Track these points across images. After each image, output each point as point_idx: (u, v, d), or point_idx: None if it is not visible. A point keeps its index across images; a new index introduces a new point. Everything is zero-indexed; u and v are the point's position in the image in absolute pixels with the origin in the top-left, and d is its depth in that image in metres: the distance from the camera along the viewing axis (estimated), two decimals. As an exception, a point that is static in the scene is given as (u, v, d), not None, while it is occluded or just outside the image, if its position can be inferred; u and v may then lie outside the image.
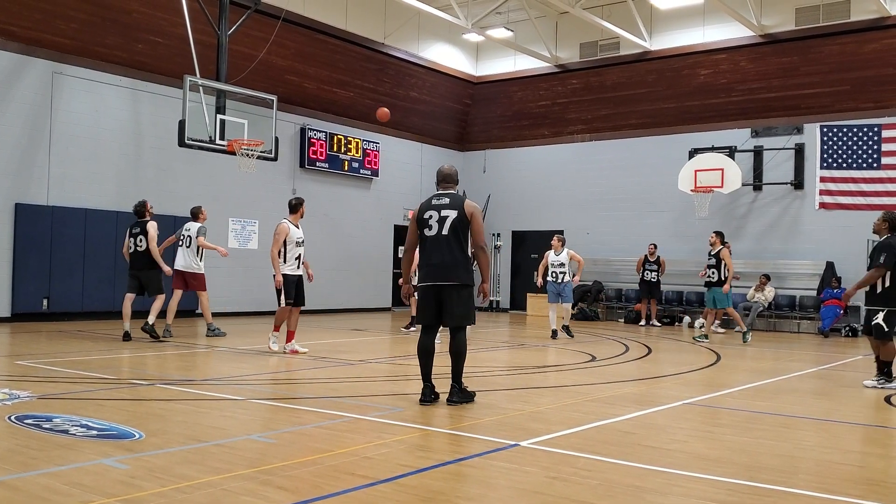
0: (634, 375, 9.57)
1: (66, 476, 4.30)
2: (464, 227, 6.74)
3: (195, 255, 12.28)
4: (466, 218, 6.74)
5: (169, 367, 9.20)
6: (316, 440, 5.42)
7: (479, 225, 6.77)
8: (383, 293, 21.52)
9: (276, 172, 18.05)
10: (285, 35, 17.45)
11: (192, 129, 13.53)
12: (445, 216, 6.76)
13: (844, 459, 5.31)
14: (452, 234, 6.74)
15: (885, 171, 17.26)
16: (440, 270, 6.78)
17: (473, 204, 6.81)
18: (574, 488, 4.33)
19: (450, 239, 6.74)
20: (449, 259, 6.74)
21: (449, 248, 6.74)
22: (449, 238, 6.74)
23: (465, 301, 6.77)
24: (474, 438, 5.54)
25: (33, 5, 14.32)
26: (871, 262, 8.75)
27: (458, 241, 6.75)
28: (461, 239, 6.76)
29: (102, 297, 15.18)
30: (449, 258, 6.74)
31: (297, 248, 10.30)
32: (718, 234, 14.43)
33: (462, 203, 6.79)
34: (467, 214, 6.74)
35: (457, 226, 6.73)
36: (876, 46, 17.56)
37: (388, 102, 21.40)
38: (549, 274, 14.35)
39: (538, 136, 22.61)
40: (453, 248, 6.73)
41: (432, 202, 6.90)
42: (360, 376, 8.83)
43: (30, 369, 8.44)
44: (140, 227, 11.75)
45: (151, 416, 6.13)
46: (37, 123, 14.58)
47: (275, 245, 10.20)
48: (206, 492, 4.06)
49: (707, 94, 19.77)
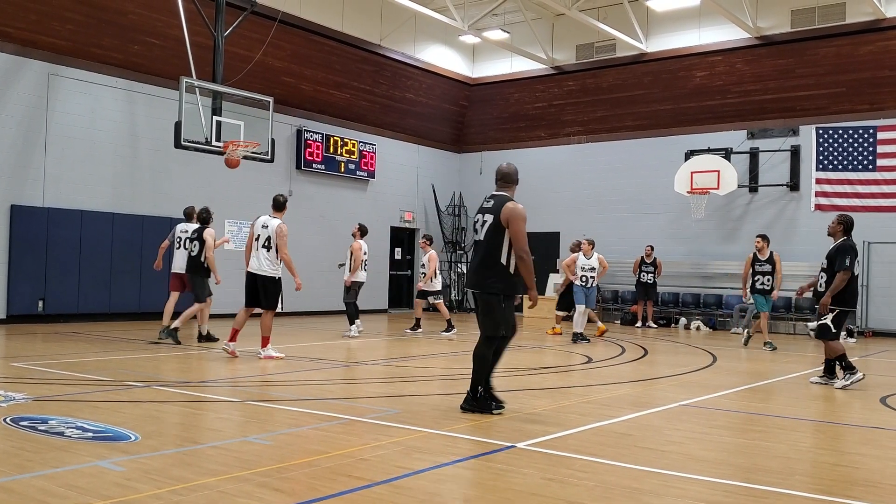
0: (631, 377, 9.58)
1: (61, 478, 4.29)
2: (499, 233, 6.41)
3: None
4: (501, 224, 6.41)
5: (165, 369, 9.18)
6: (312, 442, 5.42)
7: (516, 231, 6.37)
8: (380, 295, 21.51)
9: (272, 174, 18.04)
10: (282, 37, 17.44)
11: (188, 131, 13.51)
12: (485, 221, 6.53)
13: (840, 461, 5.32)
14: (487, 240, 6.47)
15: (880, 173, 17.30)
16: (470, 276, 6.67)
17: (513, 207, 6.43)
18: (571, 490, 4.33)
19: (485, 245, 6.49)
20: (478, 265, 6.56)
21: (481, 254, 6.53)
22: (484, 244, 6.50)
23: (487, 309, 6.49)
24: (471, 440, 5.54)
25: (29, 6, 14.29)
26: (836, 266, 8.78)
27: (492, 247, 6.44)
28: (496, 245, 6.42)
29: (98, 299, 15.15)
30: (478, 264, 6.56)
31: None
32: (766, 239, 13.46)
33: (501, 207, 6.45)
34: (502, 220, 6.40)
35: (492, 231, 6.44)
36: (871, 48, 17.61)
37: (385, 104, 21.44)
38: (580, 278, 14.09)
39: (534, 138, 22.62)
40: (485, 255, 6.49)
41: (483, 204, 6.66)
42: (357, 378, 8.82)
43: (25, 371, 8.42)
44: (198, 234, 11.62)
45: (147, 418, 6.11)
46: (32, 125, 14.55)
47: (285, 246, 9.97)
48: (201, 494, 4.05)
49: (703, 96, 19.80)
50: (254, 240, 9.99)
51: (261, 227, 9.99)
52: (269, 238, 9.89)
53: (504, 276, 6.43)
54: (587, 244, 14.36)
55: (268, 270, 9.92)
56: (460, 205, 23.25)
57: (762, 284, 13.31)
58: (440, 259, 14.67)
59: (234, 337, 9.99)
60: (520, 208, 6.44)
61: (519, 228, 6.37)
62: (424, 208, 22.84)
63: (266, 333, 10.04)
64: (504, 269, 6.42)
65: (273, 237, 9.89)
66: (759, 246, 13.34)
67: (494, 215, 6.44)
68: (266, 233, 9.92)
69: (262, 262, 9.91)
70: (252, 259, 9.99)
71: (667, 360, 11.50)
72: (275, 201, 10.26)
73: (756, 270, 13.34)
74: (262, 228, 9.97)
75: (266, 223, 10.00)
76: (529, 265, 6.41)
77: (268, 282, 9.92)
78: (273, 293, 9.97)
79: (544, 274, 22.11)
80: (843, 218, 9.14)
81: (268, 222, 10.01)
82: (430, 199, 22.76)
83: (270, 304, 10.02)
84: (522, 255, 6.37)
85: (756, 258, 13.36)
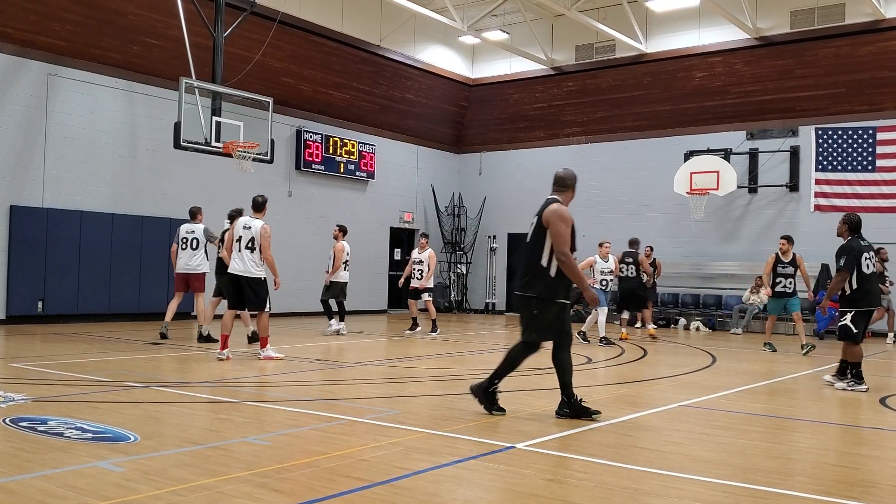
0: (630, 378, 9.58)
1: (60, 479, 4.28)
2: (541, 234, 6.29)
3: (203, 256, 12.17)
4: (543, 225, 6.29)
5: (164, 370, 9.18)
6: (311, 442, 5.42)
7: (556, 231, 6.19)
8: (379, 295, 21.51)
9: (271, 174, 18.04)
10: (281, 37, 17.44)
11: (187, 132, 13.51)
12: (532, 223, 6.42)
13: (839, 461, 5.32)
14: (531, 243, 6.36)
15: (879, 174, 17.31)
16: (517, 280, 6.52)
17: (555, 208, 6.29)
18: (570, 490, 4.33)
19: (529, 248, 6.38)
20: (522, 269, 6.46)
21: (525, 257, 6.43)
22: (529, 247, 6.39)
23: (528, 314, 6.33)
24: (470, 441, 5.53)
25: (28, 7, 14.29)
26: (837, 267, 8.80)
27: (535, 250, 6.30)
28: (538, 247, 6.29)
29: (97, 300, 15.15)
30: (522, 268, 6.46)
31: None
32: (790, 240, 12.88)
33: (544, 209, 6.35)
34: (544, 221, 6.28)
35: (536, 234, 6.33)
36: (870, 49, 17.62)
37: (385, 104, 21.44)
38: (600, 282, 13.87)
39: (534, 139, 22.63)
40: (527, 258, 6.37)
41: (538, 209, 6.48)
42: (356, 378, 8.82)
43: (24, 372, 8.41)
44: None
45: (146, 419, 6.11)
46: (32, 125, 14.55)
47: (269, 247, 9.92)
48: (201, 494, 4.05)
49: (702, 97, 19.81)
50: (235, 241, 9.85)
51: (242, 228, 9.87)
52: (253, 239, 9.78)
53: (542, 278, 6.23)
54: (607, 247, 13.97)
55: (253, 272, 9.79)
56: (460, 205, 23.26)
57: (784, 287, 12.73)
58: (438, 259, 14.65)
59: (226, 343, 9.82)
60: (562, 209, 6.28)
61: (559, 230, 6.19)
62: (424, 209, 22.85)
63: (264, 334, 9.98)
64: (543, 272, 6.23)
65: (257, 238, 9.77)
66: (783, 248, 12.75)
67: (538, 217, 6.35)
68: (249, 234, 9.80)
69: (247, 263, 9.77)
70: (234, 261, 9.84)
71: (666, 361, 11.50)
72: (255, 202, 10.13)
73: (778, 272, 12.74)
74: (244, 230, 9.85)
75: (248, 224, 9.88)
76: (572, 266, 6.18)
77: (253, 283, 9.81)
78: (260, 294, 9.88)
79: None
80: (846, 218, 9.08)
81: (250, 223, 9.88)
82: (430, 199, 22.76)
83: (260, 305, 9.93)
84: (561, 256, 6.17)
85: (779, 259, 12.77)
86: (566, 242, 6.20)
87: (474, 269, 23.46)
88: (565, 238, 6.20)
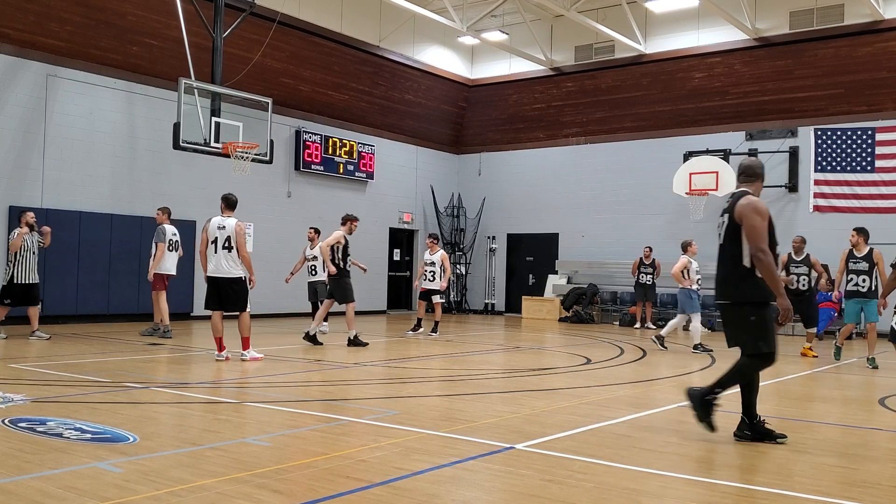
0: (629, 378, 9.58)
1: (60, 479, 4.28)
2: (736, 232, 5.67)
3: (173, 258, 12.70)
4: (736, 221, 5.67)
5: (163, 370, 9.17)
6: (311, 443, 5.42)
7: (750, 225, 5.56)
8: (379, 296, 21.51)
9: (271, 175, 18.04)
10: (280, 38, 17.44)
11: (186, 132, 13.51)
12: (723, 222, 5.84)
13: (839, 462, 5.32)
14: (726, 243, 5.77)
15: (878, 175, 17.32)
16: (716, 287, 5.92)
17: (748, 201, 5.66)
18: (569, 491, 4.33)
19: (725, 250, 5.79)
20: (720, 273, 5.86)
21: (722, 260, 5.83)
22: (724, 248, 5.80)
23: (738, 322, 5.74)
24: (469, 441, 5.53)
25: (27, 7, 14.28)
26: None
27: (734, 251, 5.70)
28: (737, 248, 5.68)
29: (96, 300, 15.14)
30: (720, 272, 5.86)
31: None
32: (862, 233, 11.12)
33: (735, 204, 5.72)
34: (736, 217, 5.66)
35: (730, 233, 5.73)
36: (869, 50, 17.63)
37: (384, 105, 21.44)
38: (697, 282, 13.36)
39: (533, 139, 22.64)
40: (725, 260, 5.79)
41: (724, 205, 5.95)
42: (355, 379, 8.82)
43: (24, 372, 8.41)
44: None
45: (146, 420, 6.11)
46: (31, 126, 14.54)
47: (245, 245, 9.75)
48: (200, 495, 4.05)
49: (701, 98, 19.82)
50: (210, 242, 9.68)
51: (216, 228, 9.67)
52: (229, 238, 9.62)
53: (749, 280, 5.64)
54: (695, 246, 13.16)
55: (232, 272, 9.66)
56: (459, 206, 23.27)
57: (856, 285, 10.97)
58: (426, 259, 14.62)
59: (221, 345, 9.76)
60: (755, 201, 5.67)
61: (754, 223, 5.55)
62: (423, 209, 22.85)
63: (246, 334, 9.87)
64: (748, 273, 5.64)
65: (233, 237, 9.62)
66: (853, 241, 11.09)
67: (729, 214, 5.75)
68: (225, 233, 9.63)
69: (225, 264, 9.63)
70: (211, 262, 9.68)
71: (665, 362, 11.50)
72: (227, 200, 9.93)
73: (850, 269, 11.06)
74: (218, 230, 9.65)
75: (222, 224, 9.69)
76: (768, 266, 5.52)
77: (233, 283, 9.68)
78: (242, 293, 9.77)
79: (543, 275, 22.14)
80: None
81: (223, 223, 9.70)
82: (429, 200, 22.76)
83: (242, 305, 9.80)
84: (758, 253, 5.53)
85: (851, 255, 11.10)
86: (764, 237, 5.55)
87: (473, 269, 23.47)
88: (762, 232, 5.56)
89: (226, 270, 9.65)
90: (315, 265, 14.16)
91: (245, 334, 9.88)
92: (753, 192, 5.86)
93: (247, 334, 9.89)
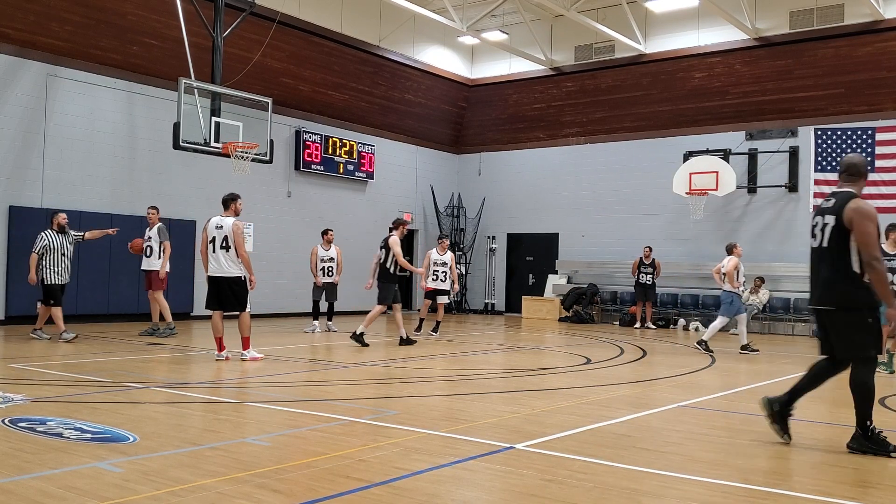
0: (629, 378, 9.58)
1: (60, 479, 4.28)
2: (844, 236, 5.48)
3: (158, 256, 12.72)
4: (845, 225, 5.47)
5: (163, 370, 9.17)
6: (311, 443, 5.42)
7: (863, 232, 5.39)
8: (378, 296, 21.48)
9: (271, 175, 18.04)
10: (280, 38, 17.44)
11: (186, 132, 13.51)
12: (826, 223, 5.60)
13: (839, 461, 5.32)
14: (832, 246, 5.54)
15: (879, 174, 17.30)
16: (816, 291, 5.70)
17: (857, 205, 5.47)
18: (569, 491, 4.33)
19: (830, 252, 5.56)
20: (825, 277, 5.61)
21: (826, 263, 5.59)
22: (829, 251, 5.56)
23: (846, 328, 5.53)
24: (469, 441, 5.53)
25: (28, 7, 14.28)
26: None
27: (837, 254, 5.51)
28: (842, 252, 5.49)
29: (96, 300, 15.14)
30: (825, 276, 5.61)
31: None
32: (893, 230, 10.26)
33: (843, 206, 5.51)
34: (845, 221, 5.46)
35: (836, 237, 5.52)
36: (869, 50, 17.63)
37: (384, 105, 21.44)
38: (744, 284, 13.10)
39: (533, 139, 22.64)
40: (830, 264, 5.57)
41: (822, 205, 5.74)
42: (355, 379, 8.82)
43: (24, 372, 8.41)
44: (384, 241, 12.56)
45: (146, 420, 6.11)
46: (31, 126, 14.54)
47: (243, 244, 9.76)
48: (200, 495, 4.05)
49: (701, 97, 19.82)
50: (209, 242, 9.70)
51: (215, 228, 9.69)
52: (227, 237, 9.63)
53: (860, 284, 5.48)
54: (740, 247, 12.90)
55: (231, 271, 9.67)
56: (459, 206, 23.28)
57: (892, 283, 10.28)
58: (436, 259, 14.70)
59: (221, 345, 9.78)
60: (866, 206, 5.48)
61: (866, 230, 5.40)
62: (423, 209, 22.85)
63: (246, 334, 9.89)
64: (857, 277, 5.48)
65: (230, 236, 9.63)
66: (893, 237, 10.15)
67: (836, 216, 5.53)
68: (222, 233, 9.65)
69: (224, 263, 9.64)
70: (211, 262, 9.69)
71: (665, 361, 11.50)
72: (223, 201, 9.98)
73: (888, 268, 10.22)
74: (216, 230, 9.68)
75: (220, 224, 9.71)
76: (881, 274, 5.39)
77: (233, 283, 9.69)
78: (241, 293, 9.77)
79: (543, 275, 22.14)
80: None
81: (221, 222, 9.72)
82: (429, 200, 22.76)
83: (241, 305, 9.80)
84: (873, 262, 5.37)
85: (884, 252, 10.00)
86: (876, 245, 5.44)
87: (473, 269, 23.46)
88: (875, 240, 5.43)
89: (229, 270, 9.67)
90: (331, 266, 14.53)
91: (245, 334, 9.89)
92: (857, 191, 5.71)
93: (247, 334, 9.90)
